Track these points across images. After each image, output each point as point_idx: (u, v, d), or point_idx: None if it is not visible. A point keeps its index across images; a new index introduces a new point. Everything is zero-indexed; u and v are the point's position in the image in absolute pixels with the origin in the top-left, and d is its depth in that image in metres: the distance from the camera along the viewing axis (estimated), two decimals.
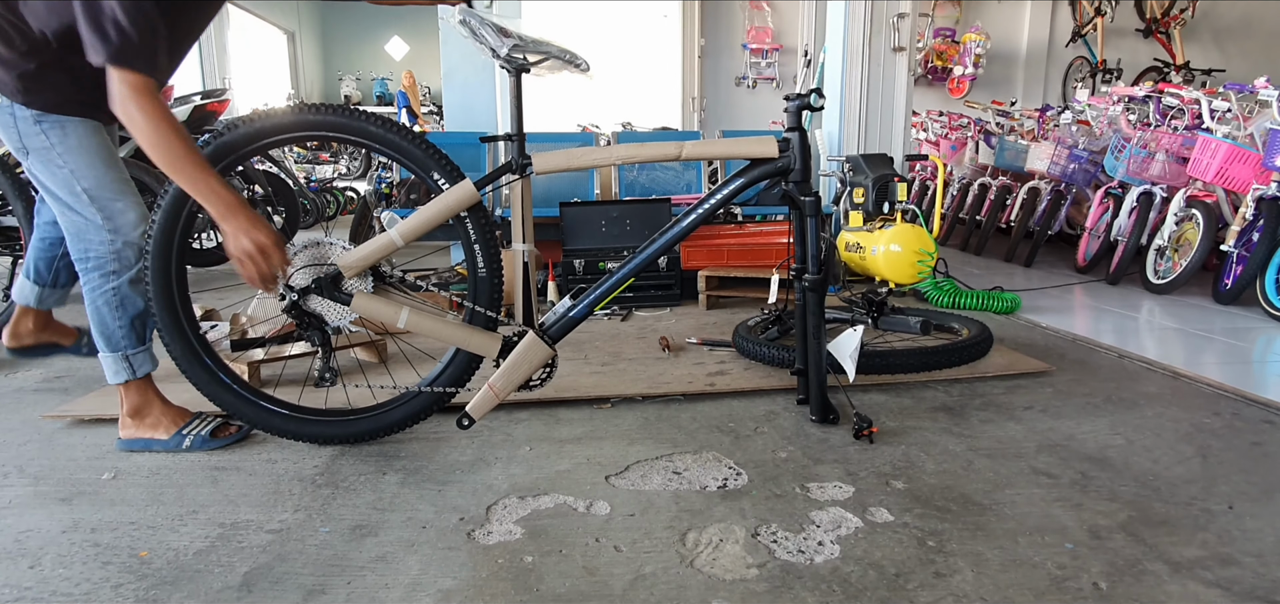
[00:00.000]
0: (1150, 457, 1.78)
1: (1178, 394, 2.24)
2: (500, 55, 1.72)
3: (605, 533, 1.43)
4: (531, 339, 1.77)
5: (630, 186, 4.48)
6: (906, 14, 4.39)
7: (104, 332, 1.80)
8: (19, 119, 1.65)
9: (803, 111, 1.89)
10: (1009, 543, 1.39)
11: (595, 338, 2.89)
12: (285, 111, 1.72)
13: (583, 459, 1.77)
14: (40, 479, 1.69)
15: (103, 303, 1.78)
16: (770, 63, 7.86)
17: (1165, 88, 4.25)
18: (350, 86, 12.60)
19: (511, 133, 1.78)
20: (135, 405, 1.86)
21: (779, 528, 1.44)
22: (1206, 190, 3.91)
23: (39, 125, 1.66)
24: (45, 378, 2.48)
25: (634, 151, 1.87)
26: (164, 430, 1.86)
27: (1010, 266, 4.79)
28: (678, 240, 1.88)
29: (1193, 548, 1.37)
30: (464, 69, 4.48)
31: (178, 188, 1.67)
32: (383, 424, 1.83)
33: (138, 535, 1.44)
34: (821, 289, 1.91)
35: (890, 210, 3.76)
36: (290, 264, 1.69)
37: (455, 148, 2.52)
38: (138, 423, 1.86)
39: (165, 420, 1.87)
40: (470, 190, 1.72)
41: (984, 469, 1.70)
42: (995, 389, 2.26)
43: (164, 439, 1.85)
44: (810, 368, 1.96)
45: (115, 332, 1.81)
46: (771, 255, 3.58)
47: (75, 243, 1.75)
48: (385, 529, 1.46)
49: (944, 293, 3.48)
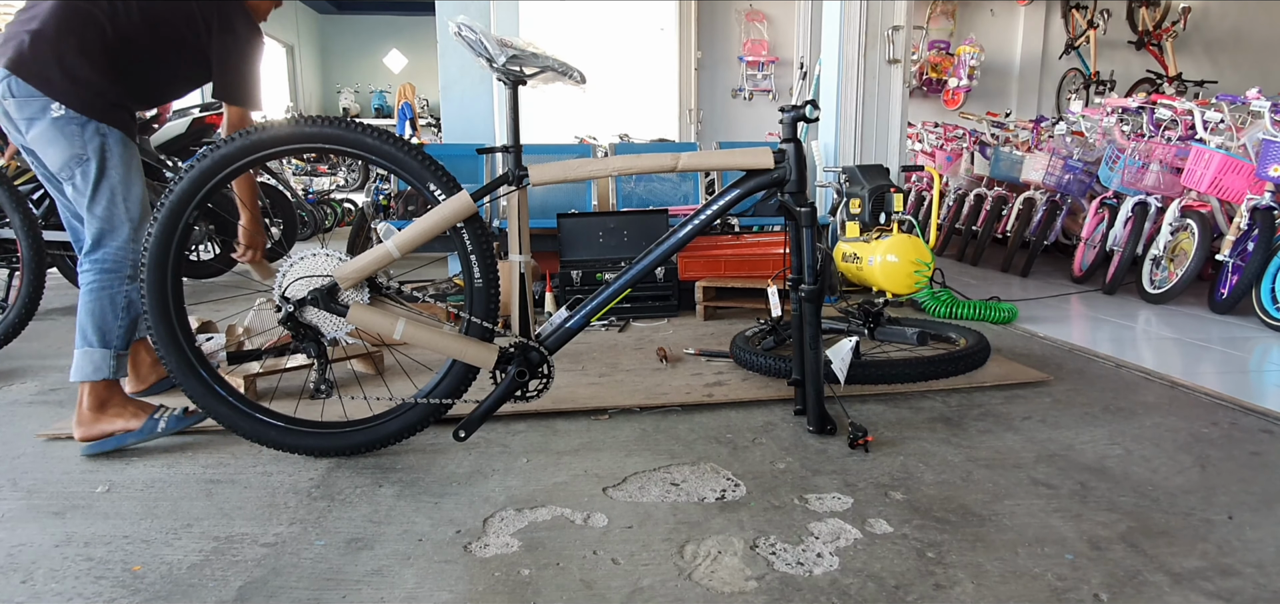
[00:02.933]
0: (1149, 466, 1.78)
1: (1176, 404, 2.24)
2: (497, 66, 1.72)
3: (603, 545, 1.43)
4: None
5: (627, 198, 4.49)
6: (901, 26, 4.41)
7: (101, 328, 1.91)
8: (86, 130, 1.87)
9: (798, 123, 1.90)
10: (1009, 554, 1.38)
11: (592, 349, 2.88)
12: (283, 124, 1.72)
13: (580, 471, 1.76)
14: (33, 492, 1.68)
15: (108, 302, 1.91)
16: (766, 75, 7.90)
17: (1158, 99, 4.27)
18: (349, 99, 12.62)
19: (508, 144, 1.79)
20: (101, 398, 1.91)
21: (777, 539, 1.44)
22: (1201, 200, 3.93)
23: (100, 137, 1.88)
24: (40, 390, 2.47)
25: (631, 163, 1.88)
26: (134, 419, 1.91)
27: (1006, 277, 4.80)
28: (674, 251, 1.88)
29: (1193, 558, 1.37)
30: (462, 82, 4.49)
31: (174, 201, 1.68)
32: (379, 436, 1.82)
33: (131, 549, 1.43)
34: (818, 300, 1.91)
35: (887, 221, 3.78)
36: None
37: (453, 159, 2.53)
38: (99, 415, 1.90)
39: (130, 410, 1.93)
40: (467, 202, 1.72)
41: (983, 480, 1.70)
42: (993, 399, 2.26)
43: (136, 429, 1.89)
44: (807, 378, 1.96)
45: (114, 330, 1.93)
46: (768, 266, 3.58)
47: (97, 244, 1.90)
48: (381, 542, 1.45)
49: (941, 303, 3.48)
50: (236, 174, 1.73)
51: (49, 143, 1.87)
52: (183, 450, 1.90)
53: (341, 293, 1.73)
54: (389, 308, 1.79)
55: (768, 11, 7.87)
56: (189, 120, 4.53)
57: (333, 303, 1.73)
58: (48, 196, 3.76)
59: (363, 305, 1.75)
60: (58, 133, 1.86)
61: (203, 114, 4.65)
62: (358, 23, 12.95)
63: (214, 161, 1.68)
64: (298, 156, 8.07)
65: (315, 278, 1.73)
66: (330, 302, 1.73)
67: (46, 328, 3.43)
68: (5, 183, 2.86)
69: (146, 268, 1.69)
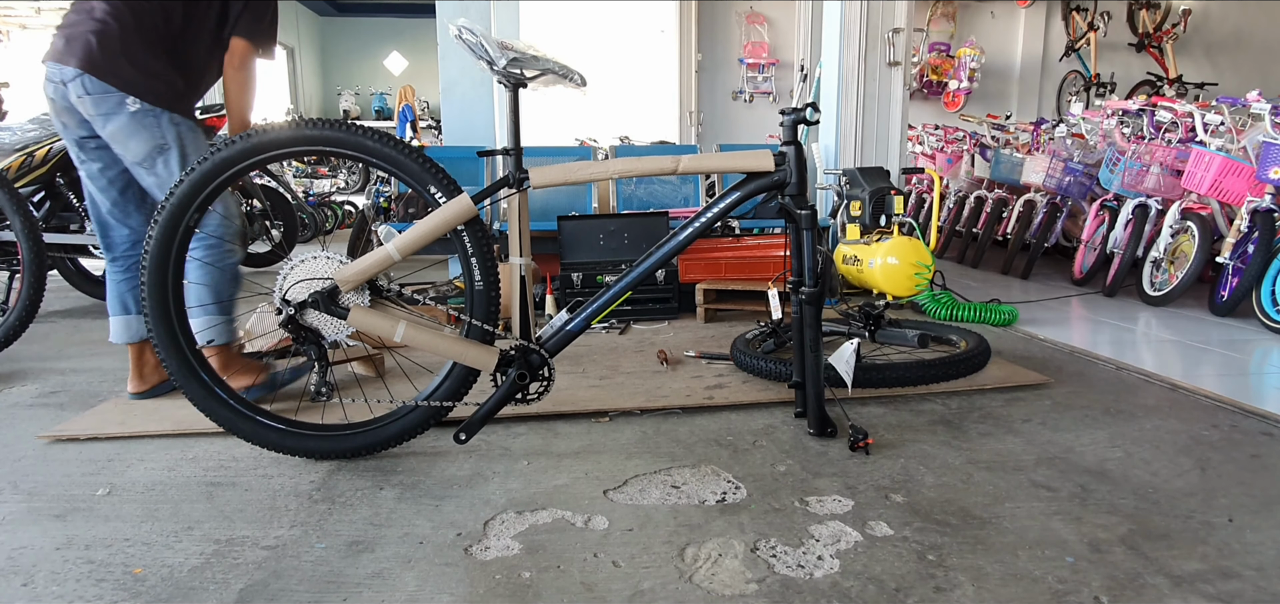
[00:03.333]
0: (1149, 469, 1.78)
1: (1176, 406, 2.24)
2: (498, 69, 1.72)
3: (603, 548, 1.43)
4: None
5: (628, 200, 4.49)
6: (901, 29, 4.42)
7: (219, 297, 2.15)
8: (161, 121, 2.04)
9: (798, 126, 1.90)
10: (1009, 557, 1.38)
11: (593, 351, 2.88)
12: (284, 126, 1.72)
13: (581, 473, 1.76)
14: (34, 495, 1.68)
15: (221, 274, 2.13)
16: (767, 77, 7.91)
17: (1158, 101, 4.28)
18: (349, 101, 12.62)
19: (509, 147, 1.79)
20: (224, 360, 2.17)
21: (778, 542, 1.44)
22: (1201, 203, 3.93)
23: (175, 126, 2.06)
24: (40, 393, 2.47)
25: (631, 165, 1.88)
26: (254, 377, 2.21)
27: (1007, 279, 4.80)
28: (675, 254, 1.88)
29: (1193, 561, 1.37)
30: (462, 84, 4.50)
31: (176, 203, 1.68)
32: (380, 439, 1.83)
33: (132, 552, 1.43)
34: (818, 302, 1.91)
35: (887, 223, 3.78)
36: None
37: (453, 162, 2.53)
38: (232, 372, 2.16)
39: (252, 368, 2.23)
40: (467, 204, 1.72)
41: (983, 482, 1.70)
42: (993, 402, 2.26)
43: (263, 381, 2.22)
44: (808, 381, 1.96)
45: (228, 297, 2.17)
46: (769, 268, 3.58)
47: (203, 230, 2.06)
48: (382, 545, 1.45)
49: (941, 305, 3.48)
50: (238, 177, 1.74)
51: (130, 135, 2.01)
52: (183, 453, 1.90)
53: (342, 295, 1.73)
54: (390, 310, 1.79)
55: (768, 14, 7.88)
56: None
57: (334, 305, 1.73)
58: (49, 199, 3.77)
59: (363, 308, 1.75)
60: (138, 126, 2.01)
61: (203, 116, 4.66)
62: (358, 25, 12.96)
63: (216, 164, 1.68)
64: (298, 159, 8.06)
65: (316, 280, 1.73)
66: (331, 304, 1.73)
67: (47, 330, 3.43)
68: (6, 185, 2.86)
69: (147, 270, 1.70)
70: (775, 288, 2.89)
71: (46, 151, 3.61)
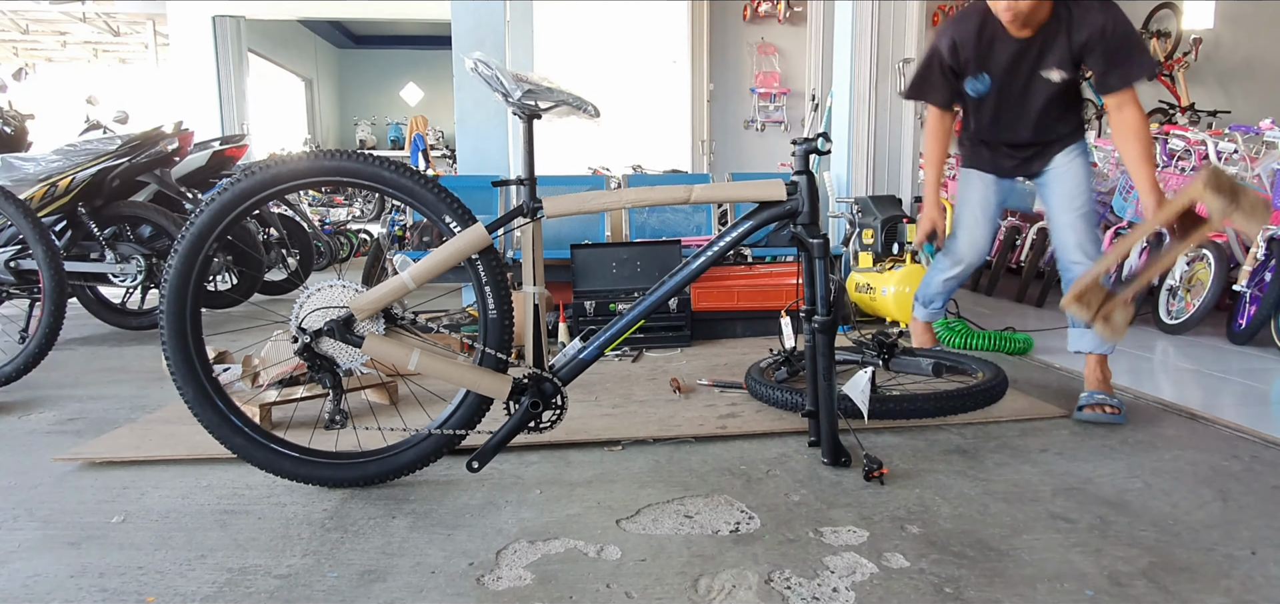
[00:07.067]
0: (1169, 500, 1.75)
1: (1195, 436, 2.21)
2: (513, 101, 1.75)
3: (616, 578, 1.42)
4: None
5: (640, 229, 4.51)
6: (912, 59, 4.44)
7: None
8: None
9: (810, 155, 1.91)
10: (1028, 590, 1.36)
11: (606, 379, 2.88)
12: (301, 157, 1.75)
13: (593, 502, 1.76)
14: (49, 522, 1.69)
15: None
16: (778, 106, 7.96)
17: (1171, 129, 4.27)
18: (365, 131, 12.81)
19: (523, 176, 1.81)
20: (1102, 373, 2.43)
21: (792, 574, 1.42)
22: (1217, 230, 3.90)
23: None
24: (57, 420, 2.49)
25: (644, 195, 1.89)
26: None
27: (1021, 307, 4.76)
28: (688, 282, 1.89)
29: (1217, 595, 1.34)
30: (477, 115, 4.55)
31: (195, 232, 1.70)
32: (392, 467, 1.83)
33: (145, 580, 1.43)
34: (831, 331, 1.91)
35: (899, 251, 3.77)
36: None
37: (468, 191, 2.55)
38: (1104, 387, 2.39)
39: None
40: (482, 233, 1.74)
41: (1000, 513, 1.68)
42: (1009, 431, 2.24)
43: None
44: (821, 410, 1.95)
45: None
46: (781, 296, 3.58)
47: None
48: (394, 574, 1.44)
49: (955, 334, 3.46)
50: (256, 207, 1.76)
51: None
52: (197, 480, 1.91)
53: (357, 324, 1.75)
54: (404, 339, 1.80)
55: (779, 44, 7.95)
56: (209, 152, 4.61)
57: (349, 334, 1.74)
58: (70, 228, 3.84)
59: (378, 336, 1.76)
60: None
61: (222, 147, 4.74)
62: (375, 57, 13.19)
63: (235, 195, 1.71)
64: (315, 190, 8.17)
65: (332, 309, 1.74)
66: (346, 332, 1.74)
67: (66, 358, 3.47)
68: (29, 215, 2.92)
69: (165, 299, 1.72)
70: (788, 316, 2.89)
71: (69, 182, 3.68)
